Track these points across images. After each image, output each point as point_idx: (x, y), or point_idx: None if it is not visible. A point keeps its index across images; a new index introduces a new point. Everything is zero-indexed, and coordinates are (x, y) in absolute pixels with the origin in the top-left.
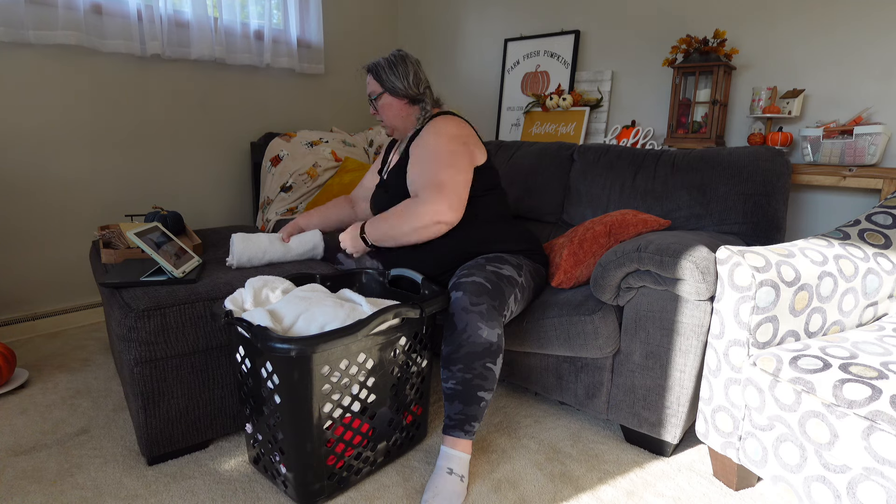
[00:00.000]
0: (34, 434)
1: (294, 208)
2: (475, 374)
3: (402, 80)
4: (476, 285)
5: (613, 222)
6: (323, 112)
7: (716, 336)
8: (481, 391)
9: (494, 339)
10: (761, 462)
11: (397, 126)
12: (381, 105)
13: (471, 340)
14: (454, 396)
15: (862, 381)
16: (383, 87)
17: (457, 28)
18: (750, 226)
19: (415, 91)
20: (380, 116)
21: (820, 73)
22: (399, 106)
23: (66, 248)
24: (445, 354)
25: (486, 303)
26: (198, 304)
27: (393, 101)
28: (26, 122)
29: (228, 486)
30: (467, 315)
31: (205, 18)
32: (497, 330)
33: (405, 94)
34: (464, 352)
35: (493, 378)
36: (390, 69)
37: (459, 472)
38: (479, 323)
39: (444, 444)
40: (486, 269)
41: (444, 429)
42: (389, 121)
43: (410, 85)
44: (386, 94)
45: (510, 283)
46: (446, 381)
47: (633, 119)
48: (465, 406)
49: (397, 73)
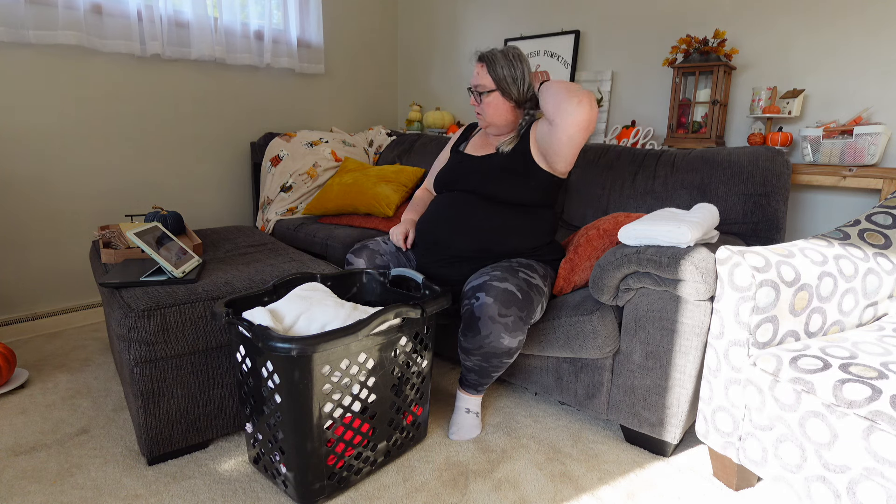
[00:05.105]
0: (34, 434)
1: (294, 208)
2: (491, 365)
3: (517, 85)
4: (507, 294)
5: (607, 227)
6: (323, 112)
7: (716, 336)
8: (495, 372)
9: (515, 344)
10: (761, 462)
11: (498, 125)
12: (487, 101)
13: (492, 346)
14: (471, 370)
15: (862, 381)
16: (497, 86)
17: (457, 28)
18: (750, 226)
19: (526, 97)
20: (479, 109)
21: (820, 73)
22: (506, 108)
23: (66, 248)
24: (464, 345)
25: (514, 315)
26: (198, 304)
27: (501, 102)
28: (26, 121)
29: (228, 486)
30: (493, 325)
31: (205, 18)
32: (519, 337)
33: (516, 99)
34: (483, 351)
35: (508, 364)
36: (508, 68)
37: (475, 410)
38: (503, 333)
39: (460, 392)
40: (519, 276)
41: (460, 382)
42: (491, 118)
43: (524, 90)
44: (497, 92)
45: (538, 292)
46: (464, 358)
47: (633, 119)
48: (481, 378)
49: (514, 74)
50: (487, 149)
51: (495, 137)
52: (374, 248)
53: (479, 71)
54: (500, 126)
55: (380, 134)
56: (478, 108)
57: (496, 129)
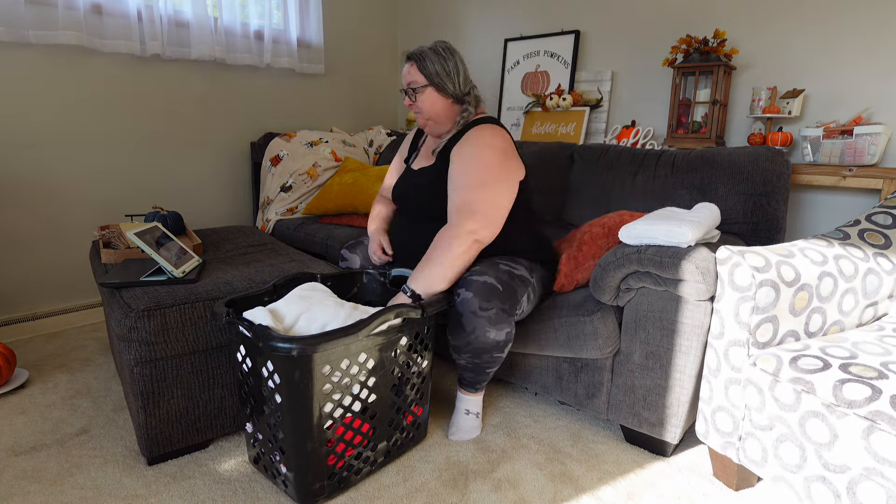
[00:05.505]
0: (34, 434)
1: (294, 208)
2: (483, 361)
3: (451, 79)
4: (487, 287)
5: (612, 224)
6: (323, 112)
7: (716, 336)
8: (490, 369)
9: (502, 337)
10: (761, 462)
11: (436, 122)
12: (422, 98)
13: (479, 341)
14: (466, 368)
15: (862, 381)
16: (429, 81)
17: (457, 28)
18: (750, 226)
19: (462, 91)
20: (415, 108)
21: (820, 73)
22: (443, 104)
23: (66, 248)
24: (453, 343)
25: (495, 307)
26: (198, 304)
27: (437, 98)
28: (26, 121)
29: (228, 486)
30: (476, 319)
31: (205, 18)
32: (506, 329)
33: (452, 94)
34: (472, 348)
35: (501, 359)
36: (440, 63)
37: (475, 411)
38: (486, 327)
39: (459, 392)
40: (500, 269)
41: (458, 381)
42: (428, 114)
43: (459, 85)
44: (431, 88)
45: (522, 282)
46: (456, 357)
47: (633, 119)
48: (476, 375)
49: (447, 68)
50: (427, 158)
51: (435, 140)
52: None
53: (410, 69)
54: (440, 125)
55: (380, 134)
56: (413, 106)
57: (436, 127)
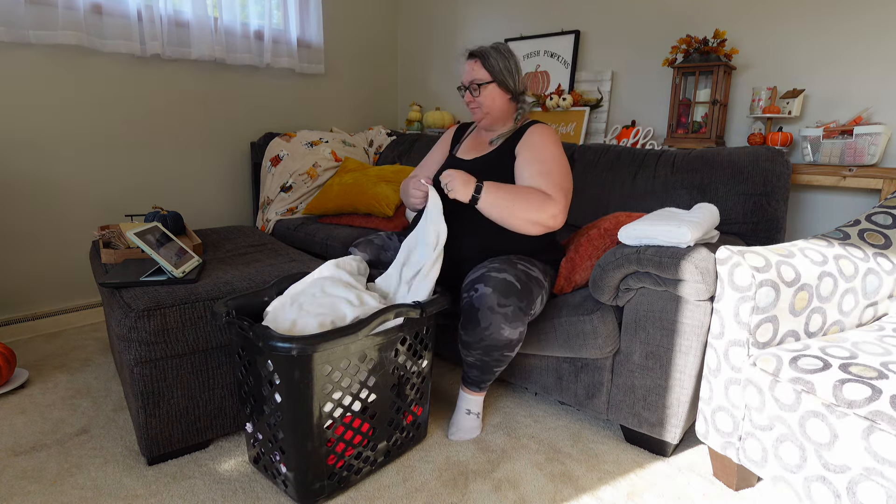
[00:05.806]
0: (34, 434)
1: (294, 208)
2: (493, 358)
3: (512, 76)
4: (506, 284)
5: (608, 226)
6: (323, 112)
7: (716, 336)
8: (497, 368)
9: (516, 336)
10: (761, 462)
11: (494, 116)
12: (485, 94)
13: (493, 338)
14: (473, 366)
15: (862, 381)
16: (493, 78)
17: (457, 28)
18: (750, 226)
19: (519, 90)
20: (475, 104)
21: (820, 73)
22: (503, 100)
23: (66, 248)
24: (465, 338)
25: (513, 304)
26: (198, 304)
27: (498, 94)
28: (26, 121)
29: (228, 486)
30: (493, 315)
31: (205, 18)
32: (520, 328)
33: (512, 91)
34: (484, 345)
35: (510, 359)
36: (502, 61)
37: (476, 411)
38: (502, 324)
39: (462, 391)
40: (517, 268)
41: (462, 380)
42: (487, 108)
43: (518, 83)
44: (494, 84)
45: (538, 284)
46: (465, 353)
47: (633, 119)
48: (483, 374)
49: (509, 66)
50: (479, 150)
51: (488, 133)
52: (380, 243)
53: (474, 66)
54: (497, 118)
55: (380, 134)
56: (473, 102)
57: (493, 122)
